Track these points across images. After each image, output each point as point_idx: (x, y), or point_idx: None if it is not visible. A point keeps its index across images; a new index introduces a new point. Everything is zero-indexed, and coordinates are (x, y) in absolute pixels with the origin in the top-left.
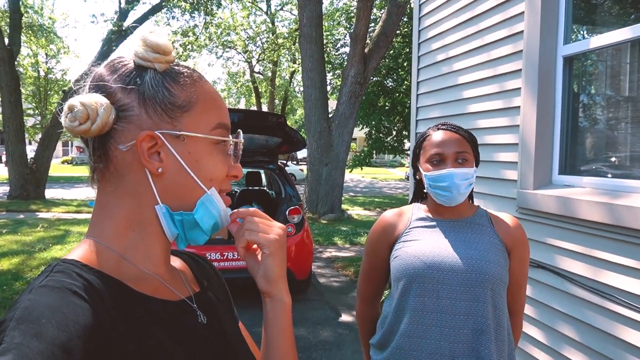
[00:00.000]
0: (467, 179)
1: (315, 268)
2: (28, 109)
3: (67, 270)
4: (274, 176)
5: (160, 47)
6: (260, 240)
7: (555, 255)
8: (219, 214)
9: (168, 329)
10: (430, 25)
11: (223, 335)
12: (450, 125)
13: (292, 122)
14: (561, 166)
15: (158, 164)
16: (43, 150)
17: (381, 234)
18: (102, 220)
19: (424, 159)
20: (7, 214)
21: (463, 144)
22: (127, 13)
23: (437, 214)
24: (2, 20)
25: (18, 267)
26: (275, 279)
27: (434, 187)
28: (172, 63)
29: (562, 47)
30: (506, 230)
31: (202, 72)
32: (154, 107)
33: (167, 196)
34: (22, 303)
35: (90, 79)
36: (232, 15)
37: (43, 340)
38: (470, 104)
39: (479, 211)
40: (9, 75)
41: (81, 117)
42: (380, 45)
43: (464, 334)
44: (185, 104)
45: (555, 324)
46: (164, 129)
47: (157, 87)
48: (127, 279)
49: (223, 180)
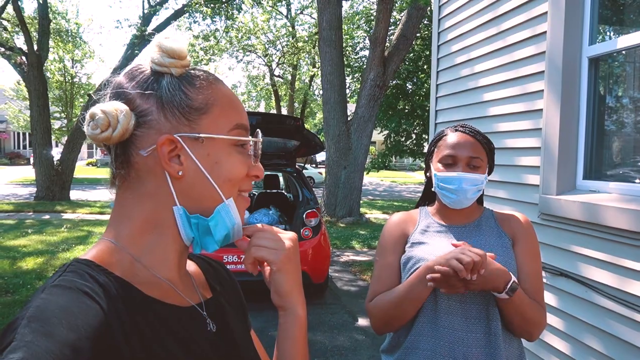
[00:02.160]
0: (476, 185)
1: (332, 272)
2: (55, 112)
3: (80, 270)
4: (291, 179)
5: (176, 52)
6: (267, 257)
7: (579, 263)
8: (232, 225)
9: (176, 335)
10: (451, 27)
11: (232, 342)
12: (469, 128)
13: (311, 125)
14: (586, 171)
15: (178, 167)
16: (69, 153)
17: (396, 231)
18: (121, 223)
19: (436, 158)
20: (33, 215)
21: (478, 149)
22: (151, 18)
23: (444, 218)
24: (31, 26)
25: (42, 266)
26: (286, 293)
27: (442, 188)
28: (188, 67)
29: (588, 48)
30: (509, 224)
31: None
32: (172, 110)
33: (186, 199)
34: (34, 302)
35: (110, 88)
36: (252, 19)
37: (53, 339)
38: (491, 106)
39: (485, 213)
40: (38, 79)
41: (102, 125)
42: (400, 48)
43: (478, 337)
44: (203, 106)
45: (580, 335)
46: (183, 132)
47: (174, 90)
48: (138, 282)
49: (243, 180)
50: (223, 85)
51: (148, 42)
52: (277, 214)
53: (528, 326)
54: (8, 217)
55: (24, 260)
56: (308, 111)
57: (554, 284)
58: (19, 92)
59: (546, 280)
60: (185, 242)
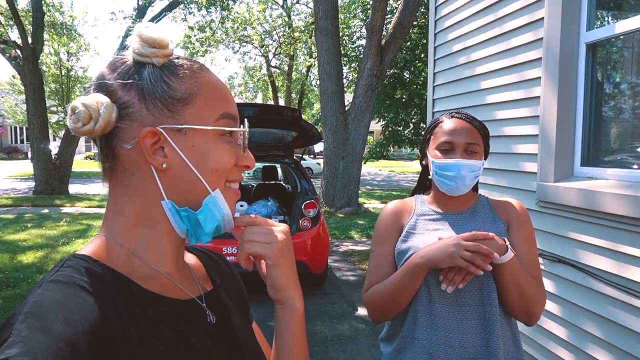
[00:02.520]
0: (474, 171)
1: (331, 262)
2: (51, 105)
3: (77, 265)
4: (289, 170)
5: (156, 41)
6: (260, 252)
7: (577, 249)
8: (222, 217)
9: (175, 327)
10: (447, 14)
11: (232, 335)
12: (465, 114)
13: (309, 116)
14: (583, 158)
15: (162, 159)
16: (66, 146)
17: (392, 220)
18: (114, 217)
19: (433, 146)
20: (32, 209)
21: (474, 135)
22: (145, 10)
23: (440, 205)
24: (25, 19)
25: (42, 260)
26: (282, 286)
27: (440, 175)
28: (170, 56)
29: (585, 34)
30: (504, 210)
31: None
32: (154, 102)
33: (173, 192)
34: (31, 297)
35: (94, 79)
36: (248, 10)
37: (49, 334)
38: (488, 94)
39: (480, 200)
40: (33, 73)
41: (84, 118)
42: (397, 36)
43: (473, 324)
44: (186, 96)
45: (579, 321)
46: (166, 123)
47: (156, 81)
48: (136, 276)
49: (231, 170)
50: (208, 74)
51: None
52: (275, 205)
53: (527, 302)
54: (7, 211)
55: (24, 255)
56: (305, 102)
57: (552, 271)
58: (14, 86)
59: (544, 267)
60: (180, 234)
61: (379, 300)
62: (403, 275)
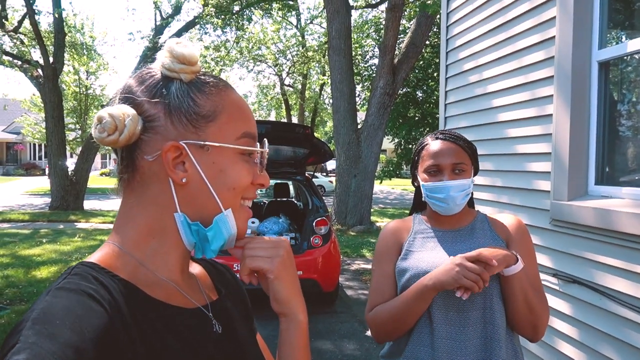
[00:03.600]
0: (464, 190)
1: (342, 280)
2: (69, 123)
3: (85, 273)
4: (301, 187)
5: (186, 57)
6: (262, 266)
7: (593, 270)
8: (229, 235)
9: (180, 336)
10: (459, 33)
11: (237, 345)
12: (449, 134)
13: (322, 134)
14: (598, 176)
15: (182, 174)
16: (82, 163)
17: (391, 239)
18: (125, 227)
19: (421, 169)
20: (48, 224)
21: (460, 155)
22: (163, 30)
23: (437, 224)
24: (47, 40)
25: (56, 275)
26: (285, 300)
27: (431, 197)
28: (198, 73)
29: (597, 52)
30: (502, 228)
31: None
32: (179, 117)
33: (187, 206)
34: (39, 304)
35: (120, 91)
36: (262, 30)
37: (56, 341)
38: (500, 112)
39: (478, 217)
40: (53, 91)
41: (109, 128)
42: (410, 55)
43: (475, 344)
44: (210, 113)
45: (595, 344)
46: (189, 139)
47: (183, 97)
48: (143, 284)
49: (247, 188)
50: (233, 92)
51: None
52: (287, 222)
53: (534, 316)
54: (23, 226)
55: (38, 269)
56: (318, 120)
57: (566, 291)
58: (35, 104)
59: (559, 287)
60: (188, 247)
61: (384, 321)
62: (411, 297)
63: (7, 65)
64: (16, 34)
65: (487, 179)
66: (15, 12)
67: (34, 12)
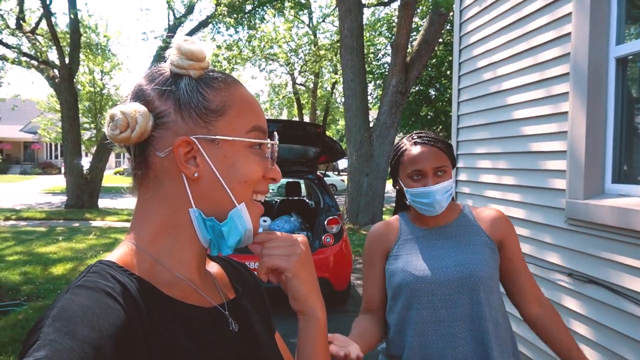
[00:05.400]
0: (447, 191)
1: (354, 279)
2: (84, 122)
3: (102, 271)
4: (313, 186)
5: (194, 54)
6: (280, 265)
7: (610, 270)
8: (244, 230)
9: (196, 334)
10: (472, 30)
11: (254, 343)
12: (426, 136)
13: (333, 132)
14: (614, 174)
15: (194, 168)
16: (97, 162)
17: (375, 246)
18: (140, 225)
19: (403, 174)
20: (64, 222)
21: (440, 158)
22: (176, 29)
23: (422, 223)
24: (63, 40)
25: (71, 272)
26: (303, 298)
27: (417, 202)
28: (206, 69)
29: (615, 48)
30: (490, 225)
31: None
32: (189, 112)
33: (202, 201)
34: (59, 302)
35: (132, 89)
36: (274, 29)
37: (75, 337)
38: (514, 110)
39: (463, 211)
40: (68, 91)
41: (121, 126)
42: (422, 53)
43: (464, 337)
44: (220, 108)
45: (613, 345)
46: (200, 133)
47: (192, 92)
48: (159, 283)
49: (258, 181)
50: (241, 87)
51: None
52: (298, 221)
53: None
54: (40, 224)
55: (54, 267)
56: (330, 118)
57: (582, 292)
58: (51, 104)
59: (574, 287)
60: (203, 244)
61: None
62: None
63: (25, 65)
64: (33, 35)
65: (500, 177)
66: (33, 13)
67: (50, 13)
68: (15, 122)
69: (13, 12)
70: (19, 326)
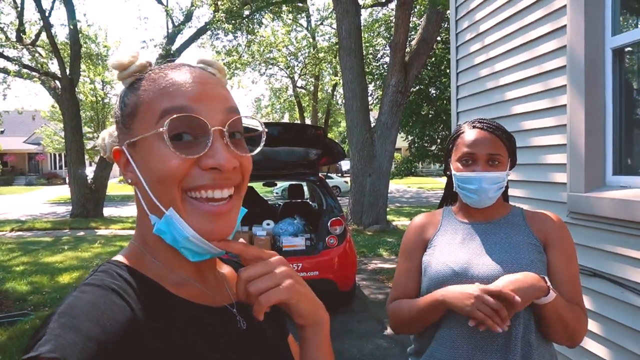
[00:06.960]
0: (497, 182)
1: (359, 280)
2: (87, 132)
3: (110, 270)
4: (315, 188)
5: (115, 64)
6: (283, 298)
7: (614, 262)
8: (185, 238)
9: (204, 333)
10: (468, 26)
11: (264, 344)
12: (487, 123)
13: (335, 134)
14: (615, 166)
15: (130, 174)
16: (101, 171)
17: (416, 236)
18: (138, 227)
19: (455, 157)
20: (69, 232)
21: (497, 145)
22: (175, 37)
23: (468, 216)
24: (64, 51)
25: (77, 281)
26: (311, 312)
27: (462, 188)
28: (138, 73)
29: (611, 39)
30: (539, 226)
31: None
32: (118, 124)
33: (149, 207)
34: (67, 299)
35: None
36: (273, 33)
37: (79, 332)
38: (513, 105)
39: (513, 211)
40: (70, 102)
41: (102, 149)
42: (421, 52)
43: (498, 342)
44: (132, 108)
45: (619, 339)
46: (125, 140)
47: (119, 103)
48: (165, 282)
49: (186, 176)
50: (161, 74)
51: (172, 61)
52: (301, 223)
53: (569, 330)
54: (46, 234)
55: (60, 276)
56: (332, 120)
57: (587, 285)
58: (54, 114)
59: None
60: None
61: (399, 318)
62: (425, 306)
63: (26, 77)
64: (33, 47)
65: None
66: (32, 26)
67: (49, 25)
68: (19, 134)
69: (13, 25)
70: (26, 336)
